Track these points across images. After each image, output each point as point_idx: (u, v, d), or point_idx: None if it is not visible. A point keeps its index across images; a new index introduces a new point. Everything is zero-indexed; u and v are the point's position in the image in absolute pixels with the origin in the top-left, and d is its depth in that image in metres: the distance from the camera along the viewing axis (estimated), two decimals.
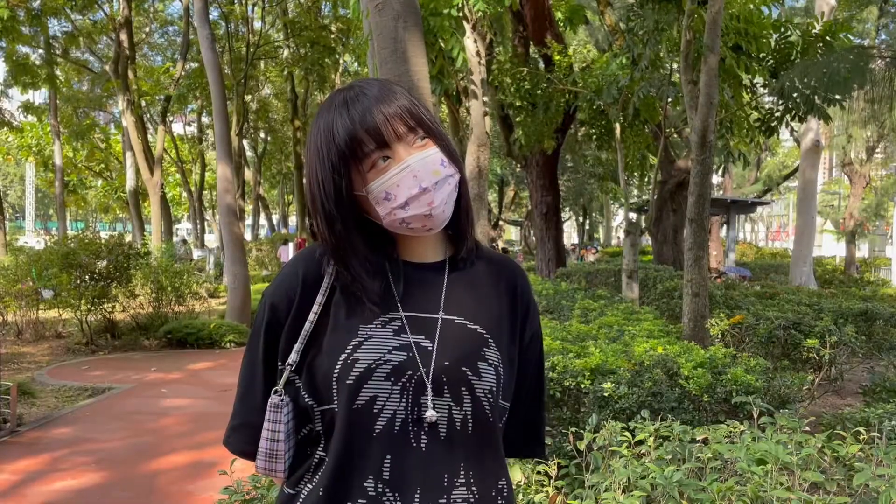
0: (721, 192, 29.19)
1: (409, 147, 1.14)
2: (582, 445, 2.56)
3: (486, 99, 6.66)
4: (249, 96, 25.65)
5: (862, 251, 31.15)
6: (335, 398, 1.13)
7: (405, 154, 1.14)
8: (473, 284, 1.25)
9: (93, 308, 10.25)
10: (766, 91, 8.74)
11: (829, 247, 36.64)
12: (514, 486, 1.33)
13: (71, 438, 5.67)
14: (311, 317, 1.18)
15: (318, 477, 1.17)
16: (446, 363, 1.16)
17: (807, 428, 2.80)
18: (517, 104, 10.86)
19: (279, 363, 1.20)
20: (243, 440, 1.24)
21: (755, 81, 8.35)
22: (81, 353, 10.04)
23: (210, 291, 15.77)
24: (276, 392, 1.18)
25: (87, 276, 9.97)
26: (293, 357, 1.17)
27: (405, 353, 1.15)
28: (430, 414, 1.13)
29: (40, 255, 10.46)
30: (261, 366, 1.23)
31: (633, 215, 20.60)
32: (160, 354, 9.99)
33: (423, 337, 1.17)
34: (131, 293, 11.14)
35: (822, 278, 16.33)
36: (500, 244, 32.72)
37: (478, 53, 6.54)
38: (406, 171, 1.13)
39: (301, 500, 1.18)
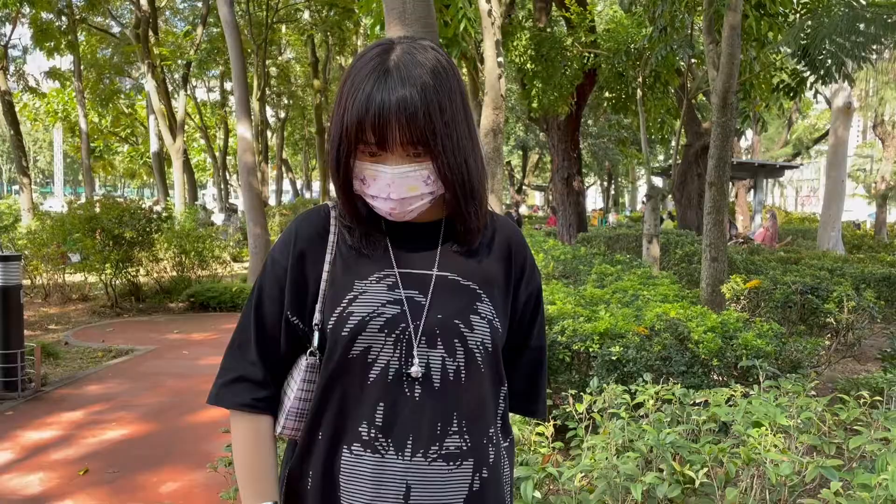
0: (749, 156, 28.66)
1: (401, 157, 1.15)
2: (581, 408, 2.56)
3: (500, 60, 6.56)
4: (270, 61, 25.57)
5: (893, 215, 30.48)
6: (332, 349, 1.19)
7: (392, 163, 1.15)
8: (469, 245, 1.27)
9: (117, 272, 10.43)
10: (789, 52, 8.49)
11: (860, 211, 35.91)
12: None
13: (92, 398, 5.81)
14: (325, 276, 1.23)
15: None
16: (439, 316, 1.19)
17: (812, 392, 2.77)
18: (530, 67, 10.68)
19: (290, 318, 1.24)
20: (246, 393, 1.25)
21: (779, 41, 8.11)
22: (107, 315, 10.25)
23: (233, 255, 15.96)
24: (311, 353, 1.22)
25: (110, 241, 10.12)
26: (318, 317, 1.21)
27: (398, 307, 1.18)
28: (415, 370, 1.16)
29: (64, 219, 10.62)
30: (259, 321, 1.26)
31: (656, 180, 20.35)
32: (183, 317, 10.16)
33: (416, 292, 1.20)
34: (155, 257, 11.32)
35: (850, 243, 16.02)
36: (524, 209, 32.55)
37: (490, 13, 6.42)
38: (383, 176, 1.16)
39: (302, 444, 1.24)
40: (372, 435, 1.16)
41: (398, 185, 1.16)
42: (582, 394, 2.70)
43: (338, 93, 1.20)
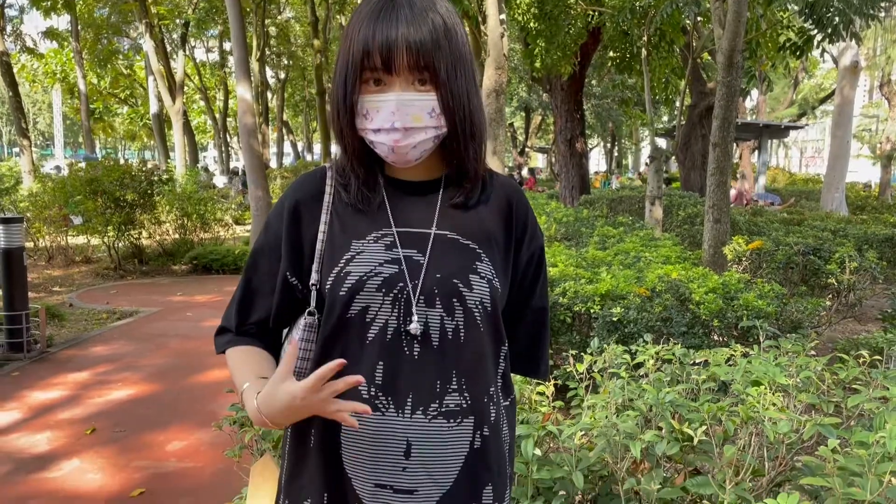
0: (754, 116, 28.37)
1: (406, 84, 1.15)
2: (581, 368, 2.58)
3: (503, 17, 6.45)
4: (269, 20, 25.20)
5: None
6: (330, 308, 1.19)
7: (397, 89, 1.15)
8: (467, 198, 1.26)
9: (120, 234, 10.45)
10: (796, 9, 8.33)
11: (865, 172, 35.68)
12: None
13: (97, 359, 5.87)
14: (321, 235, 1.23)
15: None
16: (438, 276, 1.19)
17: (812, 352, 2.79)
18: (533, 25, 10.50)
19: (289, 278, 1.26)
20: (230, 336, 1.32)
21: None
22: (110, 277, 10.29)
23: (236, 218, 15.95)
24: (310, 312, 1.23)
25: (112, 203, 10.11)
26: (315, 277, 1.22)
27: (396, 267, 1.18)
28: (414, 326, 1.17)
29: (65, 181, 10.60)
30: (248, 283, 1.31)
31: (660, 141, 20.19)
32: (186, 280, 10.21)
33: (415, 251, 1.20)
34: (157, 220, 11.32)
35: (854, 204, 15.94)
36: (525, 171, 32.39)
37: None
38: (387, 103, 1.15)
39: None
40: (372, 393, 1.17)
41: (402, 113, 1.15)
42: (583, 354, 2.72)
43: (344, 32, 1.21)
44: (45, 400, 4.85)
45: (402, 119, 1.15)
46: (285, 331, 1.33)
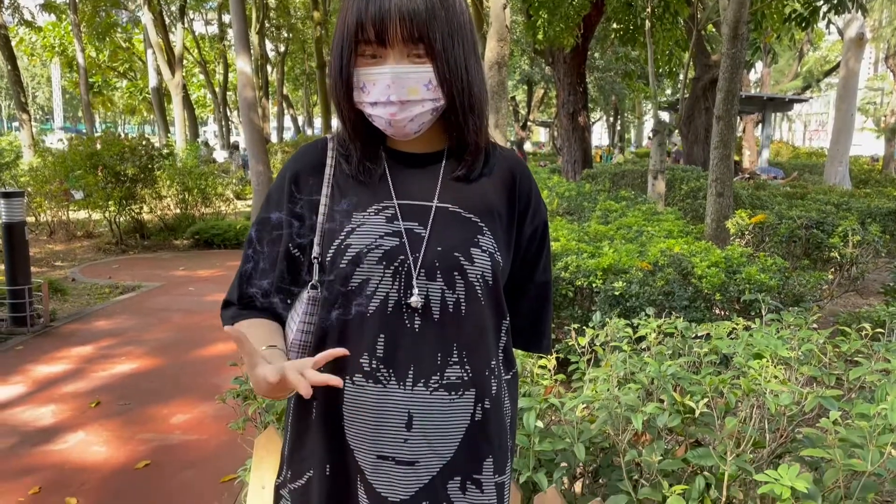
0: (759, 89, 28.13)
1: (401, 56, 1.13)
2: (583, 341, 2.58)
3: None
4: None
5: None
6: (331, 281, 1.19)
7: (392, 62, 1.14)
8: (469, 171, 1.25)
9: (121, 209, 10.44)
10: None
11: (869, 145, 35.46)
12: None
13: (101, 333, 5.90)
14: (322, 208, 1.22)
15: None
16: (439, 249, 1.18)
17: (814, 325, 2.79)
18: None
19: (291, 250, 1.25)
20: (234, 310, 1.30)
21: None
22: (112, 252, 10.30)
23: (236, 193, 15.91)
24: (313, 286, 1.22)
25: (112, 178, 10.09)
26: (316, 250, 1.21)
27: (397, 239, 1.18)
28: (415, 299, 1.16)
29: (65, 156, 10.56)
30: (250, 257, 1.29)
31: (663, 114, 20.04)
32: (188, 254, 10.22)
33: (416, 224, 1.19)
34: (158, 194, 11.30)
35: (857, 178, 15.87)
36: (529, 145, 32.21)
37: None
38: (383, 76, 1.14)
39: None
40: (373, 366, 1.17)
41: (398, 86, 1.14)
42: (584, 328, 2.72)
43: (341, 4, 1.20)
44: (49, 373, 4.87)
45: (397, 92, 1.14)
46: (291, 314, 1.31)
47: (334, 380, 1.03)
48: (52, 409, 4.23)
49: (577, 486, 2.13)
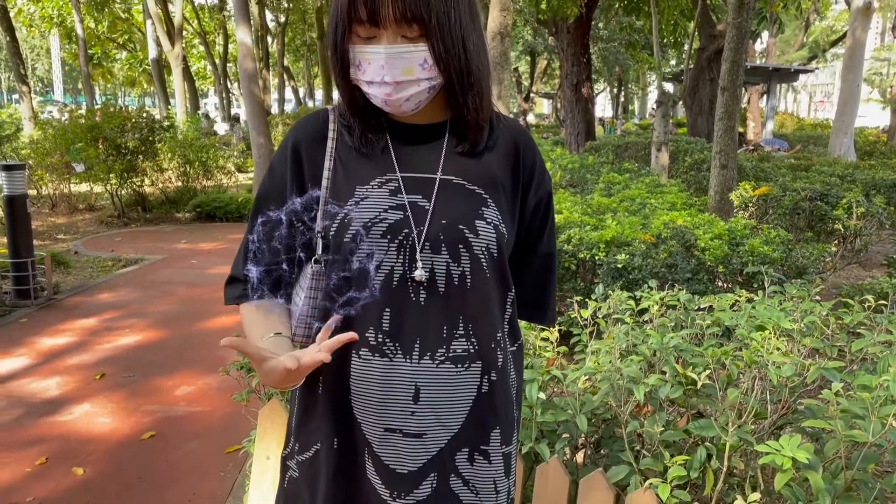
0: (764, 59, 27.83)
1: (395, 36, 1.11)
2: (585, 314, 2.58)
3: None
4: None
5: None
6: (335, 255, 1.18)
7: (385, 41, 1.11)
8: (473, 146, 1.24)
9: (122, 182, 10.42)
10: None
11: (874, 117, 35.17)
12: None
13: (105, 305, 5.92)
14: (325, 182, 1.21)
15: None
16: (443, 222, 1.17)
17: (817, 298, 2.78)
18: None
19: (295, 223, 1.24)
20: (240, 288, 1.29)
21: None
22: (114, 225, 10.31)
23: (238, 166, 15.86)
24: (316, 261, 1.22)
25: (113, 150, 10.05)
26: (320, 224, 1.20)
27: (401, 213, 1.17)
28: (419, 273, 1.16)
29: (66, 128, 10.51)
30: (254, 229, 1.27)
31: (667, 85, 19.87)
32: (190, 227, 10.22)
33: (420, 197, 1.18)
34: (159, 167, 11.27)
35: (862, 149, 15.75)
36: (532, 117, 31.99)
37: None
38: (377, 56, 1.12)
39: None
40: (379, 340, 1.17)
41: (392, 67, 1.12)
42: (587, 300, 2.72)
43: None
44: (53, 346, 4.90)
45: (391, 73, 1.12)
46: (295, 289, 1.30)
47: (347, 336, 1.06)
48: (57, 381, 4.26)
49: (579, 457, 2.14)
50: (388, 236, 1.16)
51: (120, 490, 3.05)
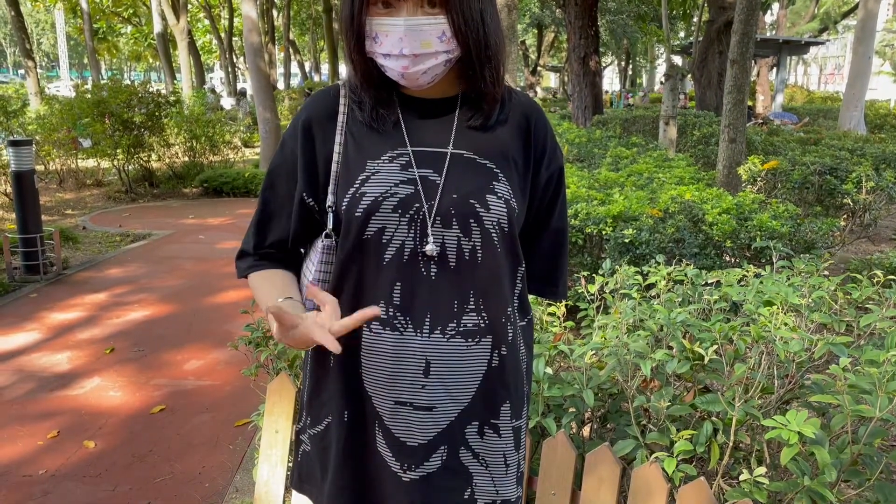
0: (774, 32, 27.45)
1: (414, 8, 1.10)
2: (593, 289, 2.58)
3: None
4: None
5: None
6: (346, 230, 1.18)
7: (405, 13, 1.10)
8: (486, 120, 1.23)
9: (129, 157, 10.42)
10: None
11: (885, 90, 34.71)
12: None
13: (113, 280, 5.95)
14: (336, 157, 1.21)
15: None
16: (454, 196, 1.17)
17: (825, 272, 2.77)
18: None
19: (306, 199, 1.24)
20: (250, 260, 1.32)
21: None
22: (122, 201, 10.33)
23: (244, 141, 15.82)
24: (327, 235, 1.22)
25: (120, 126, 10.03)
26: (331, 199, 1.21)
27: (412, 187, 1.17)
28: (430, 248, 1.16)
29: (72, 103, 10.49)
30: (265, 205, 1.29)
31: (676, 58, 19.64)
32: (198, 202, 10.23)
33: (431, 171, 1.18)
34: (166, 142, 11.25)
35: (872, 123, 15.57)
36: (540, 91, 31.73)
37: None
38: (396, 28, 1.11)
39: None
40: (391, 314, 1.17)
41: (411, 39, 1.11)
42: (594, 275, 2.72)
43: None
44: (63, 321, 4.94)
45: (410, 45, 1.11)
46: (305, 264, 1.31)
47: (371, 311, 1.06)
48: (67, 356, 4.30)
49: (586, 431, 2.16)
50: (400, 210, 1.16)
51: (131, 462, 3.09)
